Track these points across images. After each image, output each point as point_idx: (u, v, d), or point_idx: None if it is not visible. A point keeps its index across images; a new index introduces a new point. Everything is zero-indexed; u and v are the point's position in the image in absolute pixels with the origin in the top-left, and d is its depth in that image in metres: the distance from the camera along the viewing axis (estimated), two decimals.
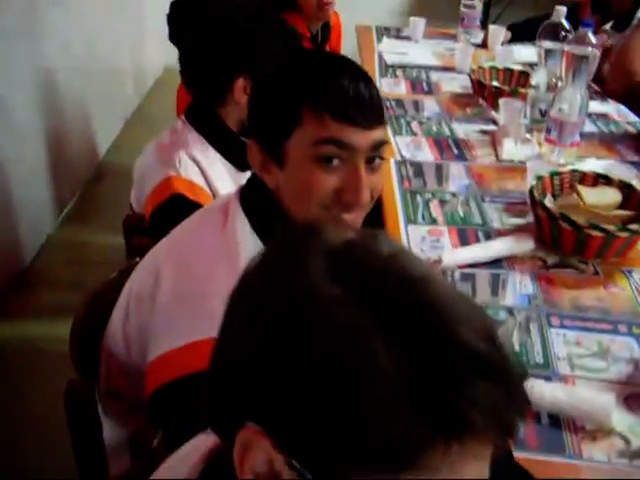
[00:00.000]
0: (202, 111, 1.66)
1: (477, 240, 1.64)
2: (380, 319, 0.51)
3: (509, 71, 2.65)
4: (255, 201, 1.17)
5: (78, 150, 3.83)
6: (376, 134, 1.10)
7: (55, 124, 3.45)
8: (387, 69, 2.88)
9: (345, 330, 0.51)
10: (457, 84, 2.73)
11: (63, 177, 3.58)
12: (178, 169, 1.54)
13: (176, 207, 1.50)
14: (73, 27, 3.62)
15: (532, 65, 3.00)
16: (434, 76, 2.83)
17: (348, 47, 3.22)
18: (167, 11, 2.28)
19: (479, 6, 3.42)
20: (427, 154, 2.07)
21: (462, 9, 3.45)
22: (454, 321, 0.52)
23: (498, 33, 3.32)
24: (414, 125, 2.28)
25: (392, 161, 1.99)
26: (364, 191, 1.09)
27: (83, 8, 3.76)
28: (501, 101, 2.26)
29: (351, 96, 1.07)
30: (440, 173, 1.96)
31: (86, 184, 3.91)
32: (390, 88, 2.64)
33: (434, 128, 2.27)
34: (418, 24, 3.38)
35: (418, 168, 1.99)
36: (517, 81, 2.61)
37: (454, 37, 3.49)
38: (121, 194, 3.90)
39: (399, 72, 2.85)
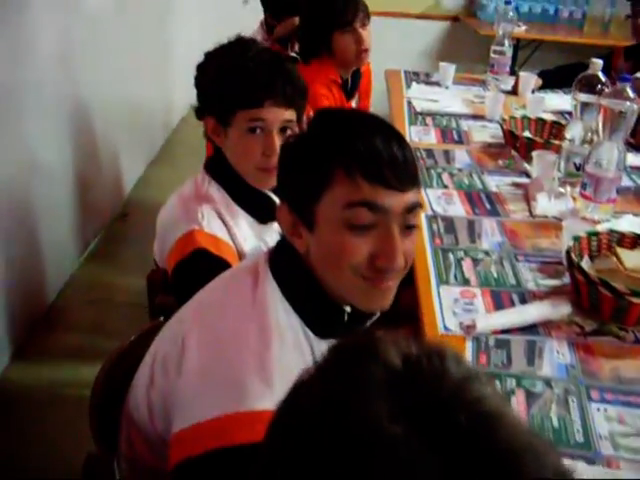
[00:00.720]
0: (220, 163, 1.64)
1: (512, 303, 1.59)
2: (446, 458, 0.47)
3: (541, 121, 2.61)
4: (285, 266, 1.14)
5: (103, 188, 3.82)
6: (410, 197, 1.06)
7: (81, 161, 3.44)
8: (416, 116, 2.84)
9: (408, 471, 0.47)
10: (488, 133, 2.69)
11: (88, 215, 3.58)
12: (201, 223, 1.52)
13: (200, 262, 1.47)
14: (103, 65, 3.62)
15: (564, 113, 2.97)
16: (464, 124, 2.79)
17: (376, 92, 3.19)
18: (193, 50, 2.25)
19: (509, 52, 3.39)
20: (459, 208, 2.03)
21: (492, 55, 3.42)
22: (525, 467, 0.47)
23: (529, 80, 3.28)
24: (445, 177, 2.24)
25: (423, 215, 1.95)
26: (399, 256, 1.05)
27: (112, 46, 3.78)
28: (534, 154, 2.22)
29: (385, 157, 1.04)
30: (472, 229, 1.91)
31: (111, 222, 3.90)
32: (420, 137, 2.61)
33: (465, 180, 2.23)
34: (448, 70, 3.35)
35: (449, 223, 1.94)
36: (550, 132, 2.57)
37: (483, 83, 3.46)
38: (145, 233, 3.91)
39: (429, 120, 2.81)
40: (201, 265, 1.46)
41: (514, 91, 3.31)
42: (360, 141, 1.04)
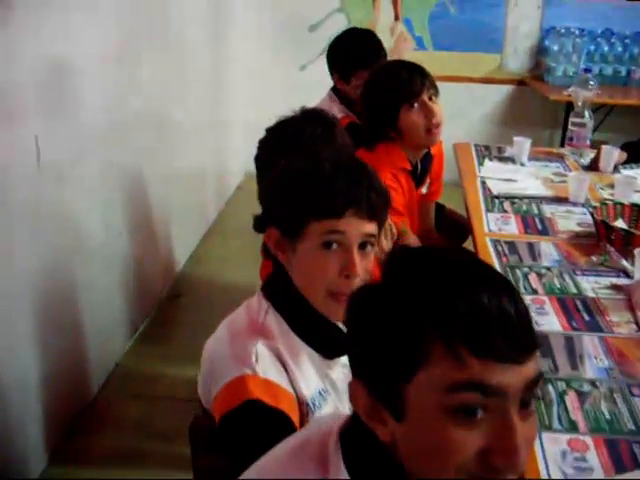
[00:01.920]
0: (282, 284, 1.38)
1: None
2: None
3: (637, 207, 2.32)
4: (363, 456, 0.87)
5: (153, 266, 3.62)
6: (530, 369, 0.80)
7: (129, 237, 3.25)
8: (493, 201, 2.57)
9: None
10: (574, 221, 2.41)
11: (137, 296, 3.37)
12: (254, 367, 1.24)
13: (252, 415, 1.21)
14: (151, 131, 3.45)
15: None
16: (547, 210, 2.51)
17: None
18: (249, 112, 2.07)
19: (590, 123, 3.12)
20: (553, 320, 1.74)
21: (570, 127, 3.16)
22: None
23: (611, 154, 3.00)
24: (532, 278, 1.96)
25: None
26: (521, 451, 0.78)
27: (162, 110, 3.63)
28: (637, 252, 1.93)
29: (496, 320, 0.78)
30: (572, 349, 1.63)
31: (161, 303, 3.69)
32: (499, 226, 2.33)
33: (557, 283, 1.94)
34: (523, 145, 3.09)
35: (546, 344, 1.65)
36: None
37: (561, 158, 3.19)
38: (198, 316, 3.73)
39: (507, 205, 2.54)
40: (253, 419, 1.19)
41: (593, 166, 3.04)
42: (461, 300, 0.79)
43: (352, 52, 3.02)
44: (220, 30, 4.95)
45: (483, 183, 2.77)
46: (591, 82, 3.10)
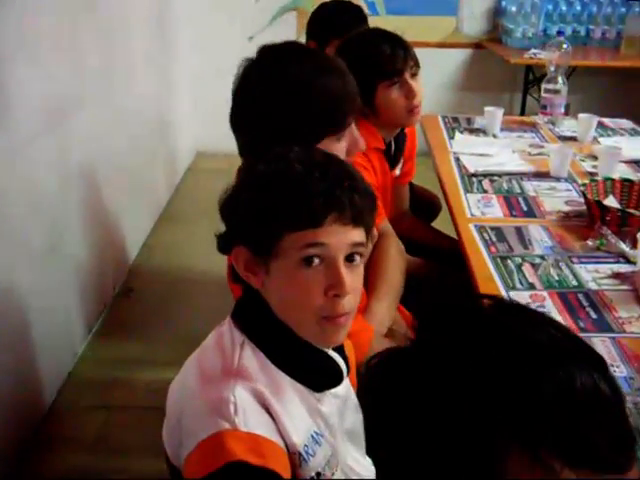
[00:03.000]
0: (256, 310, 1.15)
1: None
2: None
3: (628, 183, 2.15)
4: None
5: (103, 260, 3.35)
6: None
7: (75, 232, 2.99)
8: (471, 180, 2.37)
9: None
10: (560, 199, 2.22)
11: (87, 295, 3.12)
12: (233, 419, 1.00)
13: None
14: (89, 115, 3.17)
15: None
16: (529, 187, 2.32)
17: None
18: (196, 89, 1.82)
19: (564, 90, 2.93)
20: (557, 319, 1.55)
21: (544, 95, 2.97)
22: None
23: (589, 123, 2.82)
24: (527, 269, 1.76)
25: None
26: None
27: (103, 90, 3.35)
28: None
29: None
30: None
31: (114, 300, 3.44)
32: (482, 210, 2.13)
33: (554, 275, 1.74)
34: (495, 115, 2.89)
35: None
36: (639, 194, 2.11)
37: (534, 127, 3.00)
38: (153, 310, 3.49)
39: (486, 184, 2.33)
40: None
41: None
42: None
43: (329, 19, 2.79)
44: (163, 5, 4.65)
45: (457, 159, 2.57)
46: (565, 45, 2.91)
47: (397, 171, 2.33)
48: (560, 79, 2.90)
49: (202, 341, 1.21)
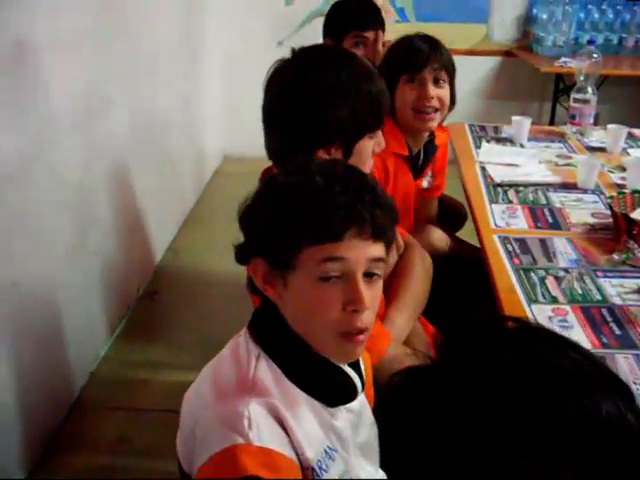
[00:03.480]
0: (273, 323, 1.14)
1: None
2: None
3: None
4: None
5: (129, 261, 3.37)
6: None
7: (101, 232, 3.01)
8: (496, 190, 2.35)
9: None
10: (587, 211, 2.20)
11: (112, 296, 3.14)
12: (247, 434, 1.00)
13: None
14: (120, 115, 3.20)
15: None
16: (555, 198, 2.29)
17: None
18: (222, 93, 1.82)
19: (594, 100, 2.90)
20: (580, 335, 1.53)
21: (572, 104, 2.94)
22: None
23: (618, 134, 2.78)
24: (551, 284, 1.74)
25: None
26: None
27: (132, 92, 3.37)
28: None
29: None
30: None
31: (138, 301, 3.46)
32: (507, 221, 2.11)
33: (578, 289, 1.72)
34: (522, 124, 2.87)
35: None
36: None
37: (562, 137, 2.97)
38: (177, 314, 3.50)
39: (512, 194, 2.32)
40: None
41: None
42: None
43: (345, 15, 2.80)
44: (192, 8, 4.67)
45: (483, 169, 2.55)
46: (595, 54, 2.87)
47: (424, 183, 2.32)
48: (590, 89, 2.87)
49: (223, 346, 1.21)
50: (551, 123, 5.18)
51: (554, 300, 1.67)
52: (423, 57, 2.07)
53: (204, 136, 5.01)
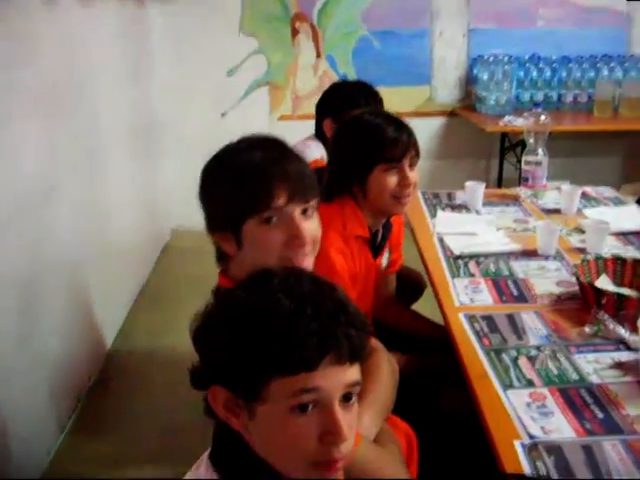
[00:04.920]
0: (235, 451, 1.03)
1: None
2: None
3: (621, 261, 2.07)
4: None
5: (77, 349, 3.21)
6: None
7: (46, 321, 2.84)
8: (457, 263, 2.28)
9: None
10: (550, 279, 2.14)
11: (61, 388, 2.98)
12: None
13: None
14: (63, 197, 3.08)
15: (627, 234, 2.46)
16: (518, 268, 2.23)
17: None
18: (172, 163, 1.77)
19: (545, 161, 2.88)
20: (563, 426, 1.43)
21: (524, 167, 2.92)
22: None
23: (574, 195, 2.76)
24: (524, 364, 1.66)
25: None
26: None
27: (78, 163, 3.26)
28: None
29: None
30: (595, 466, 1.33)
31: (90, 391, 3.29)
32: (470, 296, 2.03)
33: (553, 368, 1.64)
34: (476, 190, 2.83)
35: (559, 456, 1.36)
36: (632, 274, 2.04)
37: (516, 200, 2.95)
38: (133, 403, 3.33)
39: (473, 266, 2.25)
40: None
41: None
42: None
43: (347, 95, 2.81)
44: (139, 82, 4.61)
45: (441, 240, 2.49)
46: (542, 116, 2.87)
47: (383, 261, 2.25)
48: (540, 150, 2.86)
49: (185, 434, 1.12)
50: (499, 180, 5.22)
51: (530, 383, 1.58)
52: (403, 148, 2.02)
53: (153, 212, 4.91)
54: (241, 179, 1.44)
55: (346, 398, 1.00)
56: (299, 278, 1.05)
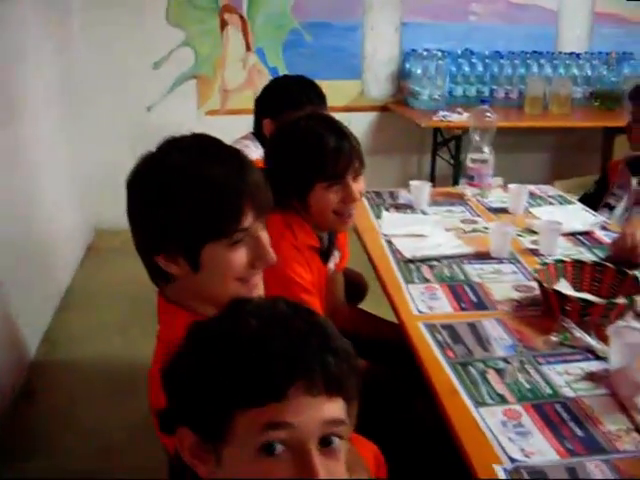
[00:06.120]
0: None
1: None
2: None
3: (579, 265, 2.01)
4: None
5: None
6: None
7: None
8: (408, 267, 2.18)
9: None
10: (508, 284, 2.06)
11: None
12: None
13: None
14: None
15: (577, 234, 2.42)
16: (472, 272, 2.15)
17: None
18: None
19: (491, 159, 2.82)
20: (542, 444, 1.35)
21: (469, 165, 2.85)
22: None
23: (521, 194, 2.71)
24: (493, 378, 1.57)
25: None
26: None
27: None
28: (611, 331, 1.60)
29: None
30: None
31: (13, 405, 3.08)
32: (428, 304, 1.93)
33: (524, 382, 1.55)
34: (422, 190, 2.74)
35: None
36: (591, 278, 1.98)
37: (461, 199, 2.87)
38: (59, 417, 3.12)
39: (426, 271, 2.15)
40: None
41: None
42: None
43: (285, 91, 2.67)
44: (61, 72, 4.38)
45: (389, 242, 2.39)
46: (488, 114, 2.80)
47: (331, 265, 2.13)
48: (486, 148, 2.79)
49: (125, 454, 0.99)
50: (432, 176, 5.17)
51: (502, 400, 1.48)
52: (345, 161, 1.85)
53: (73, 211, 4.67)
54: (202, 199, 1.26)
55: (325, 442, 0.86)
56: (275, 302, 0.93)
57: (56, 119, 4.27)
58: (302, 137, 1.87)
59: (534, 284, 2.01)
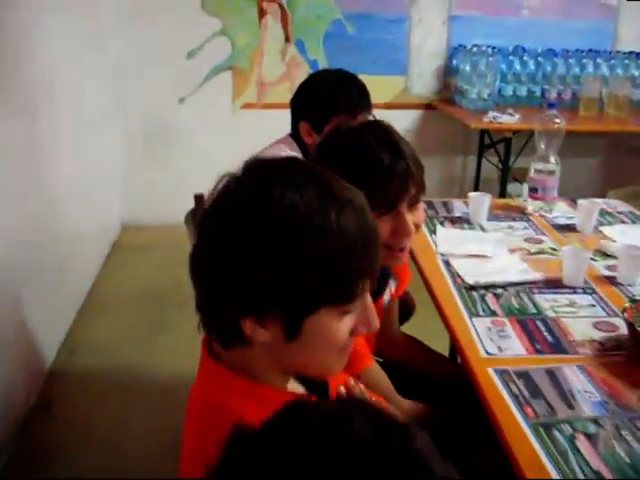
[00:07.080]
0: None
1: None
2: None
3: None
4: None
5: (13, 365, 2.79)
6: None
7: None
8: (471, 297, 1.91)
9: None
10: (587, 321, 1.78)
11: None
12: None
13: None
14: None
15: None
16: (544, 303, 1.87)
17: None
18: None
19: (558, 170, 2.54)
20: None
21: (533, 176, 2.57)
22: None
23: (591, 211, 2.43)
24: (583, 447, 1.29)
25: None
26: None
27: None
28: None
29: None
30: None
31: (28, 416, 2.87)
32: (497, 344, 1.65)
33: (624, 456, 1.28)
34: (482, 203, 2.46)
35: None
36: None
37: (522, 213, 2.59)
38: (77, 430, 2.89)
39: (491, 301, 1.88)
40: None
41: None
42: None
43: (331, 95, 2.35)
44: (89, 62, 4.16)
45: (446, 263, 2.12)
46: (557, 120, 2.52)
47: (386, 297, 1.88)
48: (552, 158, 2.51)
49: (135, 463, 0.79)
50: (476, 180, 4.90)
51: (596, 474, 1.23)
52: (397, 189, 1.55)
53: (101, 207, 4.46)
54: (329, 255, 0.99)
55: None
56: (350, 419, 0.66)
57: (82, 107, 4.06)
58: (348, 155, 1.56)
59: (616, 321, 1.75)
